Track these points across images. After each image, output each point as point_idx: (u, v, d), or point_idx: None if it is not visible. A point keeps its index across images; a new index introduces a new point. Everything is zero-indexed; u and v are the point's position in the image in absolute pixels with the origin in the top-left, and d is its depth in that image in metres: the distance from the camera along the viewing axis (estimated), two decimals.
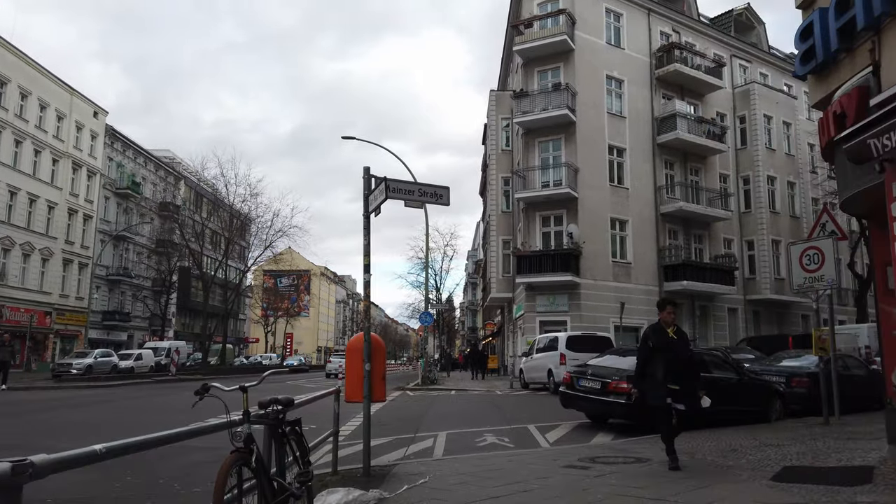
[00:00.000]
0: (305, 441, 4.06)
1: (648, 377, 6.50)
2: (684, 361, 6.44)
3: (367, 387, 5.68)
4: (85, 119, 43.22)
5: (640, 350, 6.94)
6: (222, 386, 3.27)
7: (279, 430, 3.61)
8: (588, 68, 27.63)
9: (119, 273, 46.90)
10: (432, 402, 15.38)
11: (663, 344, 6.46)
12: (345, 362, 6.06)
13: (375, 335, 6.00)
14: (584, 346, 17.50)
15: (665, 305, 6.84)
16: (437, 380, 23.94)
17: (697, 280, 28.04)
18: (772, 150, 32.61)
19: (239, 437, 3.12)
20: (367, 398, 5.73)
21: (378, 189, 5.70)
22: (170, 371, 26.22)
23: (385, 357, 6.04)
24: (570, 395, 10.20)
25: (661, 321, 6.74)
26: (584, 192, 26.48)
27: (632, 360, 10.11)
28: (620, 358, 10.48)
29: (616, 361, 10.27)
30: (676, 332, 6.64)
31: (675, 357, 6.37)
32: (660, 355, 6.39)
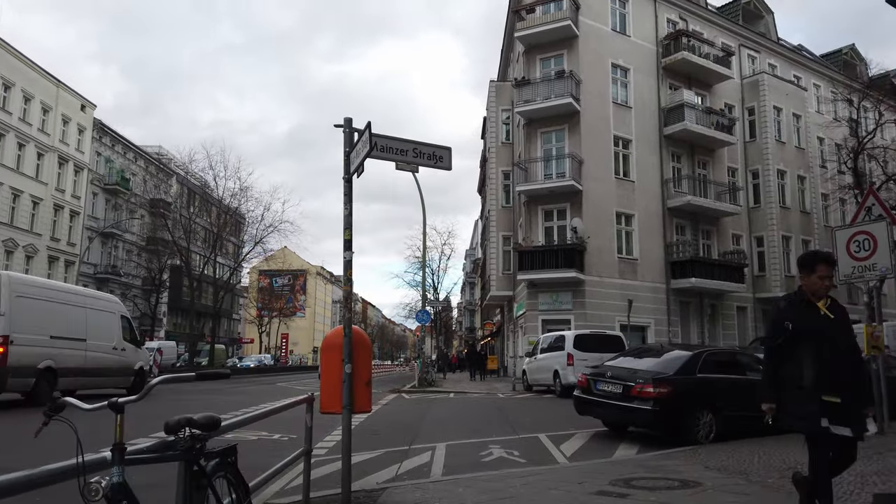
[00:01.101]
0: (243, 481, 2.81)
1: (787, 383, 3.85)
2: (847, 356, 3.86)
3: (348, 394, 4.46)
4: (72, 112, 41.92)
5: (768, 337, 4.04)
6: (81, 404, 2.04)
7: (195, 468, 2.33)
8: (592, 56, 26.46)
9: (107, 271, 45.57)
10: (429, 406, 14.16)
11: (812, 327, 3.82)
12: (320, 363, 4.82)
13: (359, 329, 4.78)
14: (593, 346, 16.30)
15: (815, 263, 3.96)
16: (434, 381, 22.71)
17: (706, 277, 26.88)
18: (781, 143, 31.47)
19: (95, 492, 1.86)
20: (347, 409, 4.51)
21: (361, 141, 4.48)
22: (151, 373, 24.90)
23: (370, 356, 4.81)
24: (585, 400, 8.99)
25: (803, 290, 4.01)
26: (589, 184, 25.29)
27: (657, 361, 8.94)
28: (640, 359, 9.28)
29: (638, 362, 9.06)
30: (832, 308, 3.92)
31: (832, 349, 3.77)
32: (806, 347, 3.78)
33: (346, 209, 4.59)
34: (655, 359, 8.98)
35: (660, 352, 9.44)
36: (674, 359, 8.75)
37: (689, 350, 9.08)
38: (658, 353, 9.31)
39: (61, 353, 13.57)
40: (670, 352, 9.23)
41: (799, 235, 31.32)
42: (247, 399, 15.25)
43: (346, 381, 4.46)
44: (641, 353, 9.63)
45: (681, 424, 8.19)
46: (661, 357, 9.00)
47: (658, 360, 8.85)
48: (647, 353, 9.46)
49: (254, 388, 21.65)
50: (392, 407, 14.04)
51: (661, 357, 8.99)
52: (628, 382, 8.35)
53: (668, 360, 8.74)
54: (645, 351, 9.79)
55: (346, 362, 4.46)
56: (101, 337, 15.28)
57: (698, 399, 8.37)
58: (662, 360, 8.85)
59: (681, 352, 9.11)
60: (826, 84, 36.17)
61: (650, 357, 9.16)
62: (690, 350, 9.06)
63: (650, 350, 9.79)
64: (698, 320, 28.20)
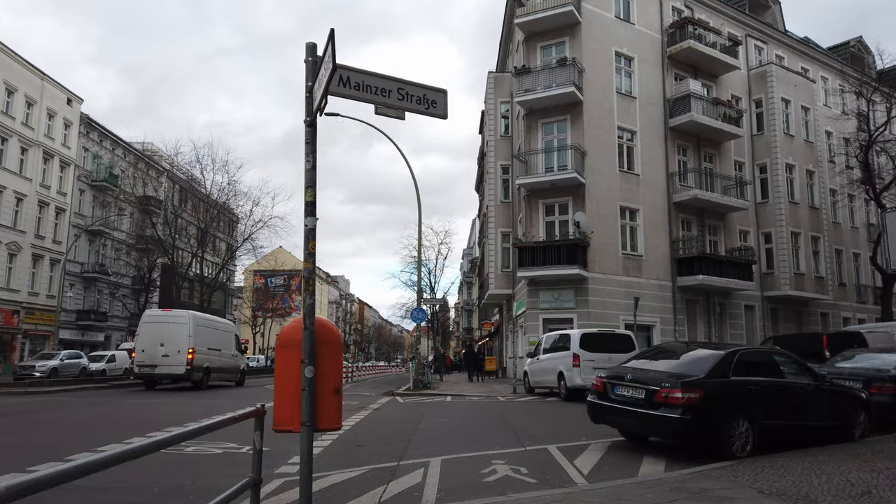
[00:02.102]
0: None
1: None
2: None
3: (309, 406, 3.32)
4: (57, 106, 40.69)
5: None
6: None
7: None
8: (595, 44, 25.37)
9: (95, 270, 44.31)
10: (425, 412, 13.01)
11: None
12: (274, 366, 3.67)
13: (325, 321, 3.64)
14: (601, 346, 15.19)
15: None
16: (430, 384, 21.55)
17: (714, 274, 25.79)
18: (790, 137, 30.40)
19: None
20: (307, 426, 3.37)
21: (324, 63, 3.35)
22: (130, 376, 23.77)
23: (341, 356, 3.67)
24: (602, 406, 7.86)
25: None
26: (592, 177, 24.20)
27: (683, 361, 7.82)
28: (663, 359, 8.15)
29: (662, 363, 7.93)
30: None
31: None
32: None
33: (309, 161, 3.47)
34: (681, 359, 7.87)
35: (685, 351, 8.33)
36: (703, 359, 7.63)
37: (720, 349, 7.94)
38: (683, 353, 8.19)
39: (211, 357, 22.14)
40: (697, 351, 8.12)
41: (808, 232, 30.24)
42: (224, 404, 14.07)
43: (307, 388, 3.32)
44: (664, 353, 8.50)
45: (714, 435, 7.07)
46: (687, 357, 7.88)
47: (685, 361, 7.73)
48: (670, 352, 8.32)
49: (240, 391, 20.47)
50: (383, 412, 12.89)
51: (688, 357, 7.87)
52: (652, 386, 7.23)
53: (697, 361, 7.62)
54: (667, 350, 8.65)
55: (307, 363, 3.32)
56: (226, 347, 24.09)
57: (733, 405, 7.25)
58: (690, 360, 7.74)
59: (710, 351, 7.99)
60: (834, 77, 35.17)
61: (674, 357, 8.04)
62: (721, 349, 7.93)
63: (673, 349, 8.65)
64: (705, 319, 27.12)
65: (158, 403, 14.49)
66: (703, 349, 8.25)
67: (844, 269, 33.51)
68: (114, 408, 13.54)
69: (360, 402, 15.09)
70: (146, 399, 16.14)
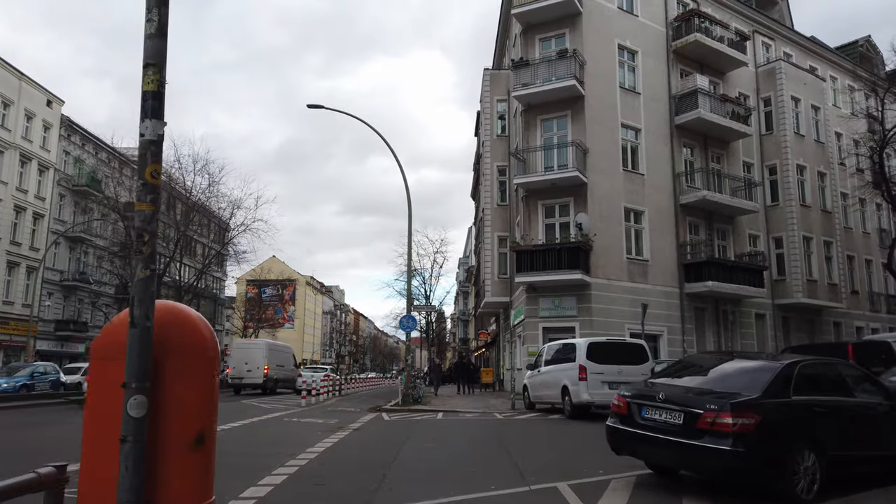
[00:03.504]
0: None
1: None
2: None
3: (134, 474, 1.67)
4: (36, 107, 39.12)
5: None
6: None
7: None
8: (597, 36, 23.95)
9: (75, 278, 42.54)
10: (411, 433, 11.36)
11: None
12: (86, 394, 2.04)
13: (182, 310, 2.02)
14: (610, 357, 13.56)
15: None
16: (421, 398, 19.87)
17: (724, 280, 24.23)
18: (800, 136, 29.00)
19: None
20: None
21: None
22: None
23: (211, 376, 2.04)
24: (626, 433, 6.25)
25: None
26: (595, 177, 22.70)
27: (729, 376, 6.23)
28: (701, 374, 6.53)
29: (701, 378, 6.32)
30: None
31: None
32: None
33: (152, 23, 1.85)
34: (725, 373, 6.27)
35: (728, 363, 6.73)
36: (755, 373, 6.04)
37: (775, 360, 6.34)
38: (727, 366, 6.60)
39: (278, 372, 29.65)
40: (745, 363, 6.52)
41: (820, 236, 28.77)
42: None
43: (132, 437, 1.70)
44: (700, 366, 6.88)
45: (774, 472, 5.47)
46: (733, 370, 6.29)
47: (730, 376, 6.14)
48: (708, 364, 6.70)
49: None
50: (363, 434, 11.22)
51: (734, 370, 6.28)
52: (693, 409, 5.64)
53: (747, 376, 6.03)
54: (705, 362, 7.02)
55: (132, 389, 1.70)
56: (287, 364, 32.35)
57: (796, 433, 5.67)
58: (736, 374, 6.15)
59: (763, 363, 6.39)
60: (843, 76, 33.90)
61: (716, 371, 6.43)
62: (775, 360, 6.32)
63: (712, 360, 7.01)
64: (714, 329, 25.56)
65: None
66: (751, 360, 6.63)
67: (857, 276, 32.02)
68: (45, 424, 11.84)
69: (340, 421, 13.42)
70: None
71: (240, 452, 8.28)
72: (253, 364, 28.95)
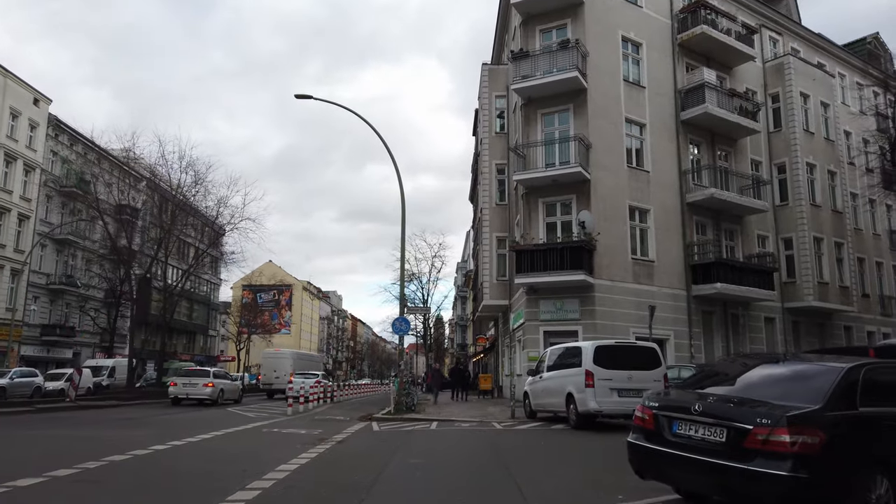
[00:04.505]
0: None
1: None
2: None
3: None
4: (22, 106, 38.06)
5: None
6: None
7: None
8: (600, 27, 22.94)
9: (62, 281, 41.37)
10: (399, 446, 10.23)
11: None
12: None
13: None
14: (620, 361, 12.43)
15: None
16: (415, 406, 18.72)
17: (733, 282, 23.15)
18: (810, 134, 27.98)
19: None
20: None
21: None
22: (68, 396, 20.87)
23: None
24: (653, 453, 5.13)
25: None
26: (598, 173, 21.64)
27: (780, 382, 5.13)
28: (744, 379, 5.42)
29: (745, 385, 5.20)
30: None
31: None
32: None
33: None
34: (773, 379, 5.17)
35: (773, 366, 5.61)
36: (811, 378, 4.94)
37: (837, 361, 5.21)
38: (771, 369, 5.48)
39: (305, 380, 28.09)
40: (798, 365, 5.40)
41: (831, 237, 27.71)
42: (139, 436, 11.16)
43: None
44: (740, 371, 5.73)
45: (840, 501, 4.37)
46: (781, 376, 5.19)
47: (780, 382, 5.05)
48: (748, 369, 5.58)
49: (191, 416, 17.59)
50: (346, 447, 10.07)
51: (783, 375, 5.18)
52: (739, 423, 4.55)
53: (801, 382, 4.94)
54: (745, 366, 5.88)
55: None
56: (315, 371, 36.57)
57: (867, 454, 4.57)
58: (787, 380, 5.05)
59: (821, 365, 5.25)
60: (851, 73, 32.96)
61: (759, 376, 5.32)
62: (838, 362, 5.20)
63: (753, 364, 5.87)
64: (723, 333, 24.45)
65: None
66: (804, 363, 5.51)
67: (867, 279, 30.94)
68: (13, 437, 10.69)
69: (324, 432, 12.28)
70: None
71: (195, 471, 7.19)
72: (281, 371, 33.22)
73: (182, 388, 24.16)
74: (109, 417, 16.19)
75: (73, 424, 13.93)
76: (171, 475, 7.02)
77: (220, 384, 25.54)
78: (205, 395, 24.03)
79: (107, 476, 6.75)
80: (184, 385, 24.24)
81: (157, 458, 8.16)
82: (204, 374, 25.74)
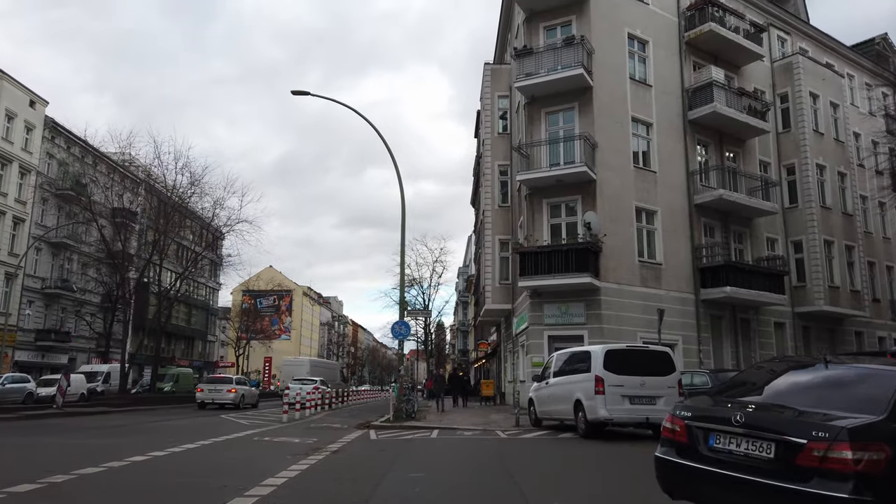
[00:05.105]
0: None
1: None
2: None
3: None
4: (18, 108, 37.57)
5: None
6: None
7: None
8: (606, 24, 22.40)
9: (58, 286, 40.76)
10: (397, 457, 9.57)
11: None
12: None
13: None
14: (632, 366, 11.75)
15: None
16: (415, 413, 18.04)
17: (742, 286, 22.50)
18: (819, 135, 27.36)
19: None
20: None
21: None
22: (55, 403, 20.21)
23: None
24: (685, 469, 4.47)
25: None
26: (604, 173, 21.04)
27: (834, 388, 4.49)
28: (790, 384, 4.76)
29: (793, 392, 4.54)
30: None
31: None
32: None
33: None
34: (824, 384, 4.50)
35: (817, 370, 4.93)
36: (867, 384, 4.28)
37: (893, 366, 4.56)
38: (816, 374, 4.80)
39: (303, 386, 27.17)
40: (839, 368, 4.73)
41: (842, 241, 27.05)
42: (120, 446, 10.52)
43: None
44: (779, 375, 5.07)
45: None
46: (834, 380, 4.51)
47: (834, 388, 4.38)
48: (792, 373, 4.93)
49: (180, 424, 16.91)
50: (340, 458, 9.40)
51: (836, 380, 4.50)
52: (791, 437, 3.90)
53: (855, 389, 4.28)
54: (785, 370, 5.21)
55: None
56: (332, 377, 42.31)
57: None
58: (842, 387, 4.39)
59: (873, 369, 4.58)
60: (860, 74, 32.37)
61: (803, 381, 4.67)
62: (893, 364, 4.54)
63: (797, 368, 5.21)
64: (731, 338, 23.79)
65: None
66: (853, 367, 4.84)
67: (878, 284, 30.25)
68: None
69: (319, 441, 11.61)
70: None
71: (170, 486, 6.55)
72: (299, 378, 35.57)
73: (208, 394, 26.06)
74: (95, 425, 15.52)
75: (54, 432, 13.28)
76: (142, 491, 6.38)
77: (242, 390, 27.41)
78: (228, 399, 25.94)
79: (73, 492, 6.11)
80: (210, 391, 26.18)
81: (132, 470, 7.50)
82: (227, 381, 28.07)
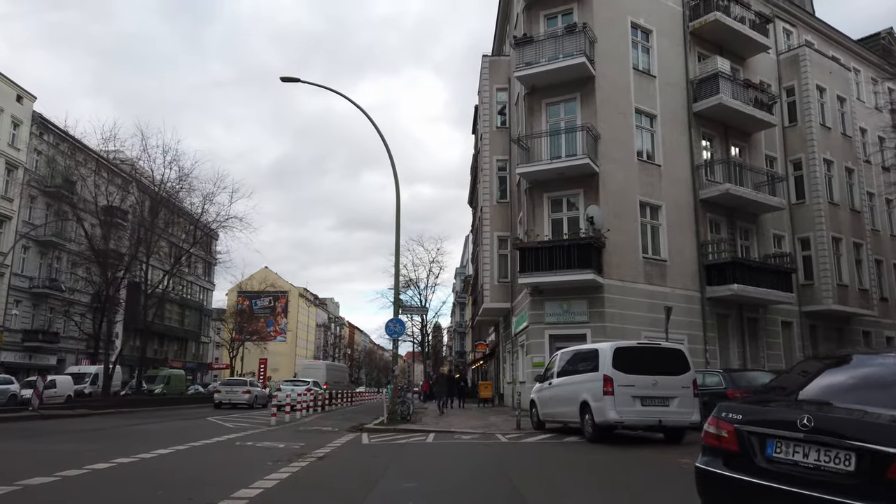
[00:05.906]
0: None
1: None
2: None
3: None
4: (5, 103, 36.69)
5: None
6: None
7: None
8: (609, 12, 21.65)
9: (46, 285, 39.80)
10: (390, 464, 8.74)
11: None
12: None
13: None
14: (643, 365, 10.92)
15: None
16: (411, 415, 17.19)
17: (749, 284, 21.72)
18: (826, 129, 26.64)
19: None
20: None
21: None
22: (31, 405, 19.32)
23: None
24: (737, 484, 3.66)
25: None
26: (607, 166, 20.26)
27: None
28: (857, 379, 3.95)
29: (866, 389, 3.73)
30: None
31: None
32: None
33: None
34: (889, 382, 3.69)
35: (875, 364, 4.14)
36: None
37: None
38: (878, 369, 4.00)
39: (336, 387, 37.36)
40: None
41: (850, 238, 26.32)
42: (85, 451, 9.66)
43: None
44: (833, 371, 4.27)
45: None
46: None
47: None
48: (859, 367, 4.14)
49: (158, 428, 16.03)
50: (326, 465, 8.56)
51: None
52: (876, 446, 3.08)
53: None
54: (836, 366, 4.41)
55: None
56: (343, 380, 46.34)
57: None
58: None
59: None
60: (866, 69, 31.64)
61: (879, 375, 3.85)
62: None
63: (840, 362, 4.42)
64: (738, 338, 23.01)
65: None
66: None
67: (886, 282, 29.53)
68: None
69: (306, 445, 10.77)
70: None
71: (127, 500, 5.71)
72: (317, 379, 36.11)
73: (225, 395, 28.09)
74: (70, 428, 14.65)
75: (22, 436, 12.42)
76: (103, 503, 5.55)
77: (254, 391, 29.79)
78: (243, 400, 27.97)
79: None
80: (227, 392, 28.31)
81: (88, 481, 6.66)
82: (242, 383, 30.54)
